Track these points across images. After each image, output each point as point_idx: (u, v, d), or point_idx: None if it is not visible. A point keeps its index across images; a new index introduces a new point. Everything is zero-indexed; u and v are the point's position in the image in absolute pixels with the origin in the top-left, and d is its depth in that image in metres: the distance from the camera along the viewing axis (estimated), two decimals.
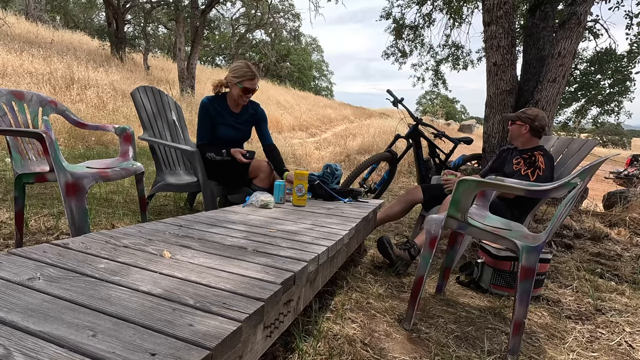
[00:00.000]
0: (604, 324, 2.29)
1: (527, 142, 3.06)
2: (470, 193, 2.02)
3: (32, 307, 0.89)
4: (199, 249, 1.47)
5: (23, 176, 2.31)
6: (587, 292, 2.71)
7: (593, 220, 4.46)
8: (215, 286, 1.11)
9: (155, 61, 20.82)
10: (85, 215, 2.14)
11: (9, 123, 2.35)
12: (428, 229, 2.08)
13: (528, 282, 1.79)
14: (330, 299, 2.23)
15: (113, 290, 1.02)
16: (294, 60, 40.70)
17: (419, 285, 2.01)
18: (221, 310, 0.96)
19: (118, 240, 1.48)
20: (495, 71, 4.23)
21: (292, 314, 1.43)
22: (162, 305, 0.96)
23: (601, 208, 6.35)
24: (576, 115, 12.99)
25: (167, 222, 1.92)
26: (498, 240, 1.99)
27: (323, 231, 1.98)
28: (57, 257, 1.22)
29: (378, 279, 2.66)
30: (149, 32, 22.63)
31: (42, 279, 1.05)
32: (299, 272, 1.33)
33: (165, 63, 21.14)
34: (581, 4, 4.05)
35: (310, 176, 3.05)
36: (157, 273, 1.17)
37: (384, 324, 2.01)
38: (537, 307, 2.47)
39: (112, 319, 0.87)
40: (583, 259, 3.46)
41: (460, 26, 11.49)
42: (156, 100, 3.68)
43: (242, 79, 3.08)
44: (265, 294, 1.08)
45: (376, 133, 14.01)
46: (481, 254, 2.73)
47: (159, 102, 3.71)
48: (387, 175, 4.86)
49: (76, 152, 6.82)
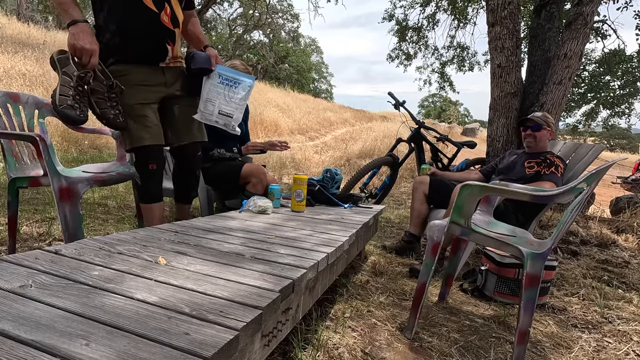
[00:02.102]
0: (611, 333, 2.28)
1: (544, 146, 3.10)
2: (474, 198, 2.03)
3: (24, 316, 0.89)
4: (195, 256, 1.47)
5: (17, 180, 2.31)
6: (594, 300, 2.71)
7: (600, 227, 4.46)
8: (211, 294, 1.11)
9: None
10: (79, 221, 2.14)
11: (4, 126, 2.36)
12: (430, 235, 2.08)
13: (533, 290, 1.79)
14: (330, 307, 2.23)
15: (107, 298, 1.02)
16: (292, 61, 40.77)
17: (421, 293, 2.01)
18: (218, 319, 0.96)
19: (112, 246, 1.48)
20: (500, 73, 4.24)
21: (291, 323, 1.43)
22: (157, 314, 0.96)
23: (608, 214, 6.35)
24: (586, 118, 13.01)
25: (162, 228, 1.92)
26: (502, 246, 1.99)
27: (323, 237, 1.99)
28: (49, 263, 1.23)
29: (379, 286, 2.66)
30: None
31: (34, 287, 1.05)
32: (297, 279, 1.33)
33: None
34: (588, 4, 4.05)
35: (310, 181, 3.05)
36: (152, 280, 1.18)
37: (385, 332, 2.01)
38: (542, 315, 2.47)
39: (106, 328, 0.88)
40: (590, 266, 3.46)
41: (464, 27, 11.55)
42: None
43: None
44: (263, 302, 1.08)
45: (377, 137, 14.01)
46: (485, 261, 2.74)
47: None
48: (389, 180, 4.87)
49: (69, 155, 6.82)
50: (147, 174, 2.39)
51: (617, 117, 12.50)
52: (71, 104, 2.05)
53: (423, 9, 11.38)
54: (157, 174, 2.42)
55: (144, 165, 2.38)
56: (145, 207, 2.47)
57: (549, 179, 2.87)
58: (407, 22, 12.02)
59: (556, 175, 2.87)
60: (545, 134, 3.09)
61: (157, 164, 2.39)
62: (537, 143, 3.11)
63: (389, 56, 13.43)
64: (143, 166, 2.39)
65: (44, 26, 19.49)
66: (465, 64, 12.90)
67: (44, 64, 11.23)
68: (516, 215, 2.95)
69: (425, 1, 11.15)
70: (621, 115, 12.33)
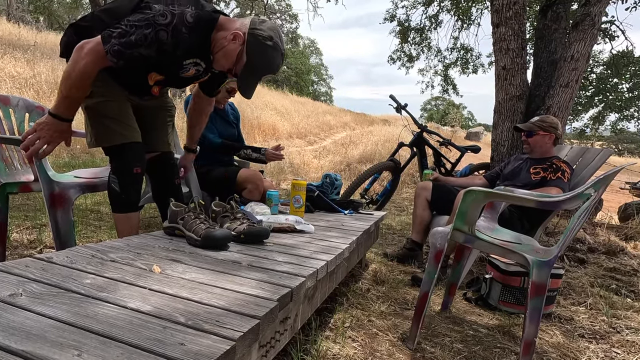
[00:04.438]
0: (619, 344, 2.29)
1: (547, 151, 3.10)
2: (478, 204, 2.03)
3: (14, 325, 0.89)
4: (190, 264, 1.47)
5: (7, 185, 2.32)
6: (602, 310, 2.71)
7: (608, 234, 4.46)
8: (207, 303, 1.11)
9: None
10: (71, 227, 2.15)
11: None
12: (433, 243, 2.09)
13: (539, 299, 1.79)
14: (329, 316, 2.23)
15: (100, 307, 1.03)
16: (291, 63, 40.88)
17: (424, 302, 2.01)
18: (214, 329, 0.96)
19: (105, 254, 1.49)
20: (505, 75, 4.26)
21: (289, 333, 1.44)
22: (152, 323, 0.96)
23: (616, 220, 6.36)
24: (593, 122, 13.04)
25: (157, 235, 1.92)
26: (507, 254, 1.99)
27: (322, 245, 1.99)
28: (40, 272, 1.23)
29: (380, 295, 2.66)
30: None
31: (25, 295, 1.05)
32: (296, 288, 1.34)
33: None
34: (595, 4, 4.07)
35: (309, 186, 3.06)
36: (146, 289, 1.18)
37: (387, 343, 2.01)
38: (548, 325, 2.47)
39: (98, 338, 0.88)
40: (597, 274, 3.46)
41: (468, 28, 11.60)
42: None
43: (227, 79, 3.11)
44: (260, 311, 1.09)
45: (378, 141, 14.03)
46: (489, 269, 2.74)
47: None
48: (390, 186, 4.87)
49: (61, 160, 6.83)
50: (130, 179, 2.12)
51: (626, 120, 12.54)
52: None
53: (425, 9, 11.43)
54: (140, 179, 2.18)
55: (127, 168, 2.11)
56: (121, 217, 2.17)
57: (555, 185, 2.87)
58: (409, 23, 12.08)
59: (563, 181, 2.88)
60: (540, 139, 3.09)
61: (142, 167, 2.16)
62: (533, 149, 3.13)
63: (391, 58, 13.50)
64: (126, 169, 2.12)
65: (34, 27, 19.53)
66: (469, 66, 12.96)
67: (35, 66, 11.26)
68: (521, 222, 2.95)
69: (427, 1, 11.19)
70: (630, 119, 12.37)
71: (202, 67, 2.13)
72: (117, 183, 2.11)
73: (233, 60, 1.95)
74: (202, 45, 1.98)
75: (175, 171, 2.53)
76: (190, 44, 1.90)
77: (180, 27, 1.83)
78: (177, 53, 1.90)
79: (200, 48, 1.99)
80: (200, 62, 2.09)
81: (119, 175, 2.11)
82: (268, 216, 2.35)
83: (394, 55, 13.38)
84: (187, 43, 1.88)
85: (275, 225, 2.22)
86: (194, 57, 2.04)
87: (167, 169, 2.48)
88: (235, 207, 2.04)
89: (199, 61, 2.08)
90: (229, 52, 1.94)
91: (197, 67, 2.11)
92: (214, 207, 2.07)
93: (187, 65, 2.06)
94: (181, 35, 1.84)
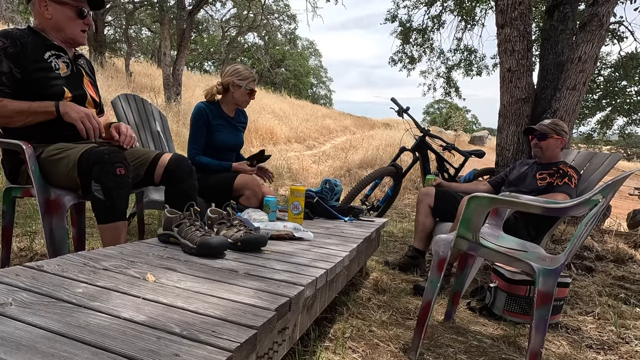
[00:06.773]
0: (628, 354, 2.29)
1: (554, 156, 3.11)
2: (483, 211, 2.03)
3: (3, 336, 0.89)
4: (185, 272, 1.47)
5: (12, 190, 2.32)
6: (610, 320, 2.71)
7: (616, 241, 4.47)
8: (203, 312, 1.12)
9: (139, 67, 20.91)
10: (64, 235, 2.14)
11: None
12: (436, 250, 2.09)
13: (545, 309, 1.79)
14: (329, 326, 2.23)
15: (92, 317, 1.03)
16: (289, 65, 40.96)
17: (426, 312, 2.01)
18: (210, 339, 0.96)
19: (97, 262, 1.49)
20: (510, 78, 4.27)
21: (288, 343, 1.44)
22: (146, 334, 0.96)
23: (625, 227, 6.36)
24: (601, 126, 13.05)
25: (150, 242, 1.92)
26: (512, 262, 1.99)
27: (321, 252, 1.99)
28: (31, 280, 1.23)
29: (381, 304, 2.66)
30: (132, 35, 22.77)
31: (15, 305, 1.06)
32: (295, 297, 1.34)
33: (149, 69, 21.23)
34: (603, 5, 4.08)
35: (308, 192, 3.06)
36: (140, 298, 1.18)
37: (388, 354, 2.01)
38: (555, 335, 2.47)
39: (90, 349, 0.88)
40: (605, 283, 3.47)
41: (472, 29, 11.62)
42: (139, 110, 3.70)
43: (248, 80, 3.24)
44: (258, 321, 1.09)
45: (379, 145, 14.06)
46: (494, 278, 2.74)
47: (142, 111, 3.73)
48: (391, 192, 4.88)
49: None
50: (113, 182, 2.00)
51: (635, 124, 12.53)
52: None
53: (428, 9, 11.46)
54: (126, 183, 2.07)
55: (108, 170, 2.00)
56: (108, 227, 2.07)
57: (562, 191, 2.88)
58: (411, 24, 12.10)
59: (570, 187, 2.88)
60: (553, 143, 3.10)
61: (125, 168, 2.06)
62: (544, 153, 3.13)
63: (392, 59, 13.51)
64: (107, 171, 2.00)
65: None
66: (473, 68, 12.97)
67: None
68: (527, 229, 2.96)
69: (430, 1, 11.23)
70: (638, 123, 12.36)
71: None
72: (100, 190, 2.00)
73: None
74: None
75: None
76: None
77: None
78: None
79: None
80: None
81: (101, 180, 1.99)
82: (266, 223, 2.35)
83: (395, 56, 13.40)
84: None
85: (273, 233, 2.22)
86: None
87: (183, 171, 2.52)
88: (232, 213, 2.04)
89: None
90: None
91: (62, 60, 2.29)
92: (210, 214, 2.07)
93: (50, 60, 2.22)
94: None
